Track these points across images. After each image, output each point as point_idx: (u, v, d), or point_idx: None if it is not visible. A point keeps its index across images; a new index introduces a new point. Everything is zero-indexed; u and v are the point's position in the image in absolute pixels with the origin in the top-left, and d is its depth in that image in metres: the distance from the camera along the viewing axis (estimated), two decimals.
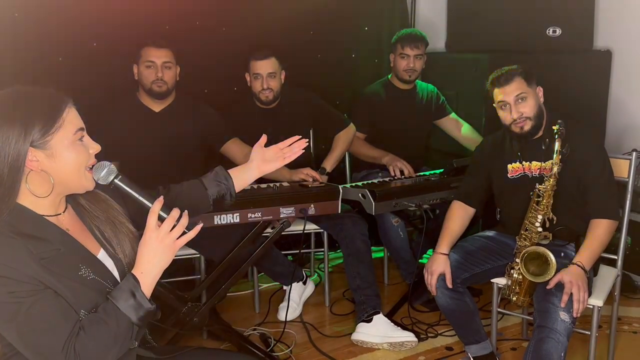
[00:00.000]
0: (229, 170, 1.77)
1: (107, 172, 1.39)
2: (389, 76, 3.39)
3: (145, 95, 2.76)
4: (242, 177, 1.77)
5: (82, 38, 2.87)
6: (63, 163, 1.31)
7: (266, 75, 2.95)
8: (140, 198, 1.41)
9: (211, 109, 2.92)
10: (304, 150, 1.83)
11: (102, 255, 1.43)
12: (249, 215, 2.34)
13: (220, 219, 2.30)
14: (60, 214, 1.39)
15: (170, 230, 1.36)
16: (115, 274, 1.43)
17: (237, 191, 1.76)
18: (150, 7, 3.00)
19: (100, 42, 2.93)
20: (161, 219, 1.37)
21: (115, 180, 1.40)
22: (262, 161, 1.78)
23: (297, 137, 1.82)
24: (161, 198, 1.39)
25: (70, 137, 1.32)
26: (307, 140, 1.84)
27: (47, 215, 1.35)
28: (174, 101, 2.82)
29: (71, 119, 1.33)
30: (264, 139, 1.81)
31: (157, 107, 2.79)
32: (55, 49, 2.81)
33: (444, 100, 3.46)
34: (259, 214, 2.35)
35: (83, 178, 1.36)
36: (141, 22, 2.96)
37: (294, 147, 1.81)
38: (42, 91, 1.33)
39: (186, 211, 1.40)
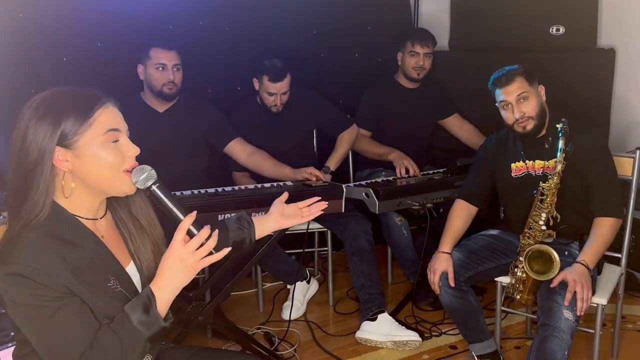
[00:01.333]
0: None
1: (147, 177, 1.33)
2: (395, 75, 3.39)
3: (150, 96, 2.77)
4: (260, 226, 1.76)
5: (86, 38, 2.88)
6: (92, 164, 1.29)
7: (280, 94, 2.96)
8: (174, 210, 1.33)
9: (215, 109, 2.93)
10: (322, 212, 1.81)
11: (130, 268, 1.41)
12: (253, 214, 2.34)
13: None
14: (97, 219, 1.37)
15: (196, 249, 1.30)
16: (139, 288, 1.41)
17: (258, 237, 1.75)
18: (154, 7, 3.01)
19: (104, 43, 2.93)
20: (190, 235, 1.31)
21: (153, 187, 1.33)
22: (281, 216, 1.76)
23: (317, 198, 1.81)
24: (194, 213, 1.32)
25: (101, 138, 1.29)
26: (326, 203, 1.82)
27: (84, 218, 1.33)
28: (178, 101, 2.83)
29: (104, 119, 1.30)
30: (285, 195, 1.79)
31: (161, 107, 2.80)
32: (59, 49, 2.82)
33: (449, 100, 3.46)
34: (263, 214, 2.35)
35: (119, 181, 1.32)
36: (145, 22, 2.97)
37: (312, 208, 1.79)
38: (78, 91, 1.31)
39: (216, 231, 1.33)
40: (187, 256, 1.29)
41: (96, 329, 1.25)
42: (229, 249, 1.35)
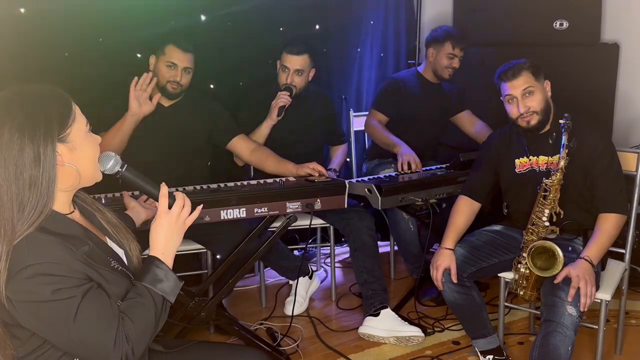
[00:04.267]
0: None
1: (114, 163, 1.42)
2: (418, 67, 3.37)
3: (155, 91, 2.76)
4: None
5: (88, 33, 2.87)
6: (83, 155, 1.33)
7: (293, 71, 2.94)
8: (147, 186, 1.46)
9: (218, 105, 2.92)
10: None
11: (112, 245, 1.47)
12: (255, 210, 2.34)
13: (226, 213, 2.30)
14: (73, 211, 1.39)
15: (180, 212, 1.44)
16: (125, 260, 1.47)
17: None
18: (156, 2, 2.99)
19: (106, 38, 2.93)
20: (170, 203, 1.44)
21: (122, 170, 1.44)
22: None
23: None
24: (164, 183, 1.45)
25: (84, 129, 1.34)
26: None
27: (64, 214, 1.35)
28: (182, 97, 2.83)
29: (79, 112, 1.35)
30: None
31: (166, 101, 2.79)
32: (61, 44, 2.81)
33: (462, 96, 3.44)
34: (265, 209, 2.35)
35: (97, 170, 1.40)
36: (147, 17, 2.96)
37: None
38: (46, 88, 1.32)
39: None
40: (176, 218, 1.43)
41: (117, 309, 1.30)
42: (201, 205, 1.55)
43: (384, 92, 3.35)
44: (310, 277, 3.16)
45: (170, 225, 1.42)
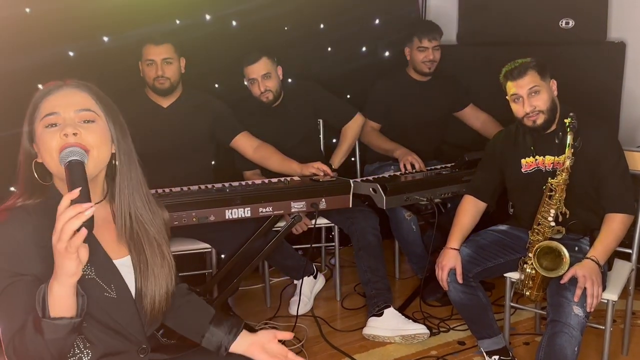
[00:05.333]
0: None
1: (69, 153, 1.25)
2: (406, 68, 3.36)
3: (152, 91, 2.78)
4: (242, 342, 1.56)
5: (92, 33, 2.88)
6: (41, 150, 1.31)
7: (261, 78, 2.93)
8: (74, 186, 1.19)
9: (220, 103, 2.92)
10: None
11: (124, 261, 1.40)
12: (260, 209, 2.34)
13: (231, 213, 2.30)
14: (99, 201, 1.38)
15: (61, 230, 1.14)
16: (130, 283, 1.40)
17: (231, 349, 1.55)
18: (160, 1, 3.00)
19: (111, 38, 2.93)
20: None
21: (67, 163, 1.24)
22: (260, 346, 1.55)
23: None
24: (75, 191, 1.17)
25: (40, 124, 1.31)
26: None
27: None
28: (182, 96, 2.83)
29: (46, 105, 1.33)
30: (287, 335, 1.63)
31: (164, 102, 2.80)
32: (66, 44, 2.81)
33: (464, 90, 3.42)
34: (270, 209, 2.35)
35: (57, 164, 1.27)
36: (151, 16, 2.96)
37: None
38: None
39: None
40: (55, 241, 1.14)
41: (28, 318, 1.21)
42: (85, 231, 1.14)
43: (371, 99, 3.33)
44: (315, 277, 3.16)
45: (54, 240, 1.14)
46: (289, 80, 3.23)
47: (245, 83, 3.01)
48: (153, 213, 1.46)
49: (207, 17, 3.21)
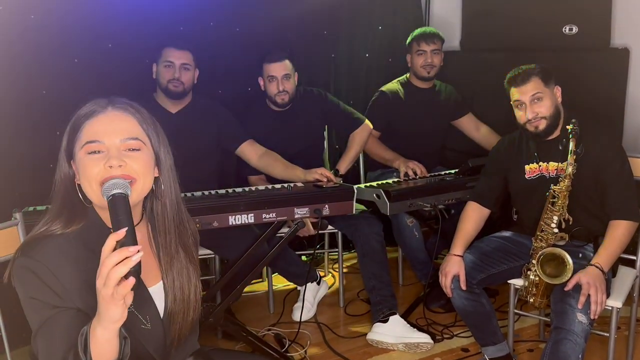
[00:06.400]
0: None
1: (112, 186, 1.18)
2: (407, 75, 3.36)
3: (162, 96, 2.78)
4: None
5: (97, 39, 2.89)
6: (80, 175, 1.25)
7: (281, 78, 2.94)
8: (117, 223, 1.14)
9: (226, 110, 2.93)
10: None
11: (157, 288, 1.35)
12: (264, 215, 2.34)
13: (234, 219, 2.30)
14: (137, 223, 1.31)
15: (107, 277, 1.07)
16: (162, 311, 1.34)
17: None
18: (165, 7, 3.01)
19: (115, 43, 2.94)
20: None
21: (110, 197, 1.17)
22: None
23: None
24: (121, 231, 1.10)
25: (81, 150, 1.24)
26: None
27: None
28: (190, 103, 2.84)
29: (87, 130, 1.25)
30: None
31: (173, 108, 2.80)
32: (70, 50, 2.83)
33: (462, 100, 3.43)
34: (273, 215, 2.35)
35: (96, 194, 1.23)
36: (155, 23, 2.97)
37: None
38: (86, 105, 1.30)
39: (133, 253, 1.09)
40: (100, 286, 1.07)
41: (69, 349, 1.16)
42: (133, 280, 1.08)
43: (372, 107, 3.33)
44: (318, 283, 3.15)
45: (98, 290, 1.08)
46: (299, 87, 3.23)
47: (260, 81, 3.01)
48: (187, 230, 1.42)
49: (211, 23, 3.22)
